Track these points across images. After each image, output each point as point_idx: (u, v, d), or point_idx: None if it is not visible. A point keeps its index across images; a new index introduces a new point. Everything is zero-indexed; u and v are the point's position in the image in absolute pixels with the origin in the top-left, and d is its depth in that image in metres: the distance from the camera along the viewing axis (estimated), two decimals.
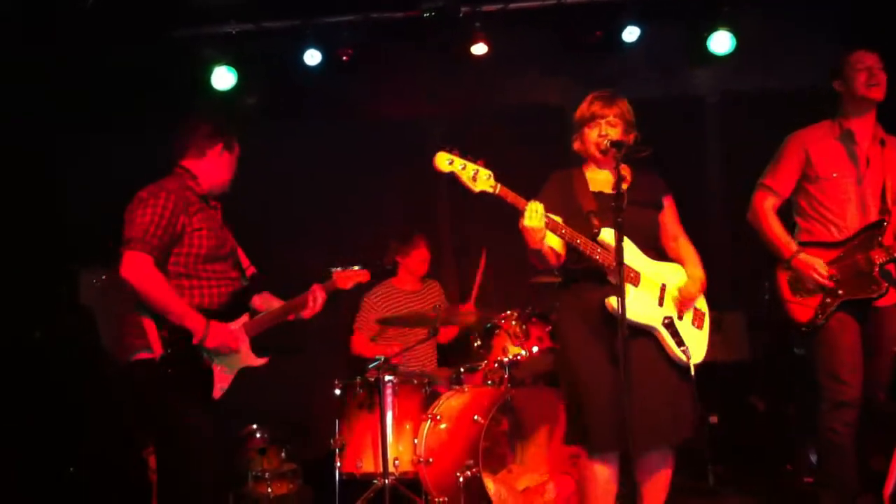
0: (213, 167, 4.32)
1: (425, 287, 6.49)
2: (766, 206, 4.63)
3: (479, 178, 3.67)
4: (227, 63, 6.58)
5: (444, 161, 3.66)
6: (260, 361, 4.38)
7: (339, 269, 4.61)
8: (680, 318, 4.02)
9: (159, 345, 4.01)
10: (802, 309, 4.49)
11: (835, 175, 4.54)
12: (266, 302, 4.56)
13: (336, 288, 4.63)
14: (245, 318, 4.36)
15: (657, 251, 4.12)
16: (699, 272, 4.14)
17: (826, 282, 4.41)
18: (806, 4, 6.47)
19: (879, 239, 4.43)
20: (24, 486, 5.71)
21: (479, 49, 6.63)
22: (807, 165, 4.59)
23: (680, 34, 6.79)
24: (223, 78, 6.59)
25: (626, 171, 4.05)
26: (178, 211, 4.10)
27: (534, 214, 3.69)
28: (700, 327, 4.11)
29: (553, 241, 3.89)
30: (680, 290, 4.05)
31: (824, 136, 4.61)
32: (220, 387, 4.17)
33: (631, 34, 6.62)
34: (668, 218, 4.21)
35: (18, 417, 5.75)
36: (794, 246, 4.52)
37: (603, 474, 3.94)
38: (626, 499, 4.17)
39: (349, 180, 6.84)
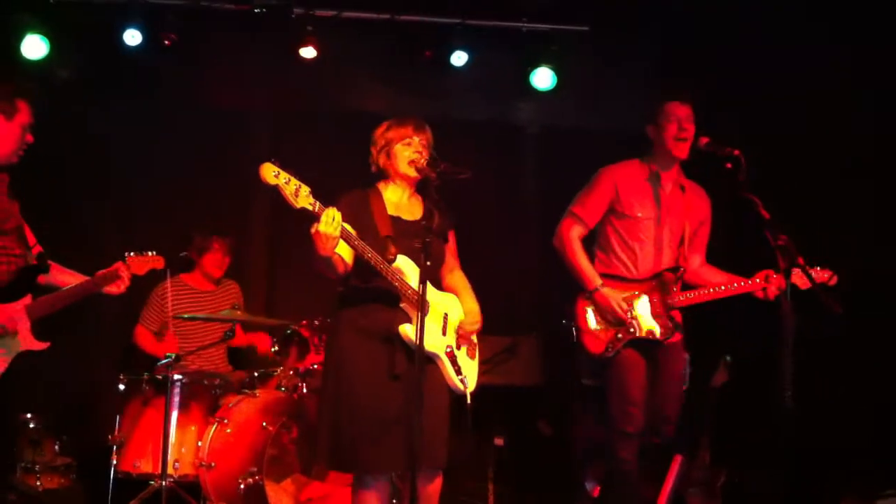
0: None
1: (220, 288, 6.25)
2: (573, 234, 4.74)
3: (301, 195, 3.62)
4: (41, 32, 6.23)
5: (271, 173, 3.58)
6: (41, 346, 4.18)
7: (133, 254, 4.46)
8: (458, 348, 4.08)
9: None
10: (595, 341, 4.63)
11: (639, 214, 4.71)
12: (58, 277, 4.35)
13: (131, 273, 4.47)
14: (28, 298, 4.14)
15: (438, 280, 4.16)
16: (475, 306, 4.18)
17: (625, 316, 4.57)
18: (627, 49, 6.73)
19: (674, 285, 4.64)
20: None
21: (309, 52, 6.56)
22: (615, 200, 4.73)
23: (506, 65, 6.92)
24: (34, 46, 6.24)
25: (419, 200, 4.08)
26: None
27: (331, 221, 3.64)
28: (473, 357, 4.17)
29: (342, 251, 3.86)
30: (461, 325, 4.11)
31: (633, 174, 4.77)
32: None
33: (459, 59, 6.71)
34: (449, 250, 4.26)
35: None
36: (598, 280, 4.65)
37: (374, 491, 3.93)
38: None
39: (160, 167, 6.61)
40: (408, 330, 3.83)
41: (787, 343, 3.85)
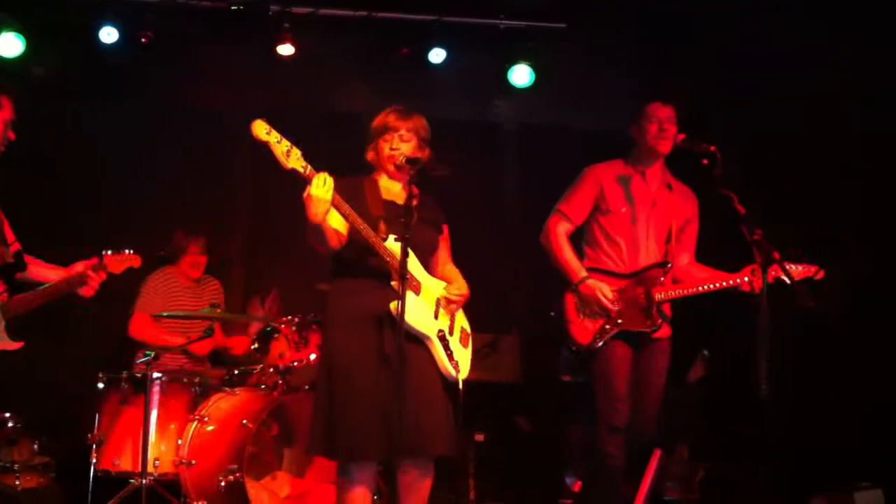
0: None
1: (200, 285, 6.24)
2: (559, 230, 4.80)
3: (292, 156, 3.62)
4: (16, 29, 6.19)
5: (262, 130, 3.57)
6: (15, 345, 4.16)
7: (110, 252, 4.45)
8: (451, 333, 4.08)
9: None
10: (583, 331, 4.68)
11: (623, 210, 4.77)
12: (40, 272, 4.33)
13: (107, 272, 4.46)
14: (3, 297, 4.12)
15: (432, 270, 4.17)
16: (465, 285, 4.18)
17: (610, 305, 4.61)
18: (605, 49, 6.76)
19: (661, 279, 4.68)
20: None
21: (286, 50, 6.56)
22: (600, 198, 4.81)
23: (484, 62, 6.94)
24: (10, 44, 6.19)
25: (415, 189, 4.07)
26: None
27: (322, 184, 3.64)
28: (466, 346, 4.18)
29: (336, 223, 3.86)
30: (448, 290, 4.08)
31: (618, 172, 4.84)
32: None
33: (437, 56, 6.73)
34: (443, 244, 4.27)
35: None
36: (582, 272, 4.71)
37: (360, 484, 3.93)
38: None
39: (138, 165, 6.58)
40: (396, 306, 3.80)
41: (763, 337, 3.89)
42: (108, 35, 6.35)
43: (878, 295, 5.43)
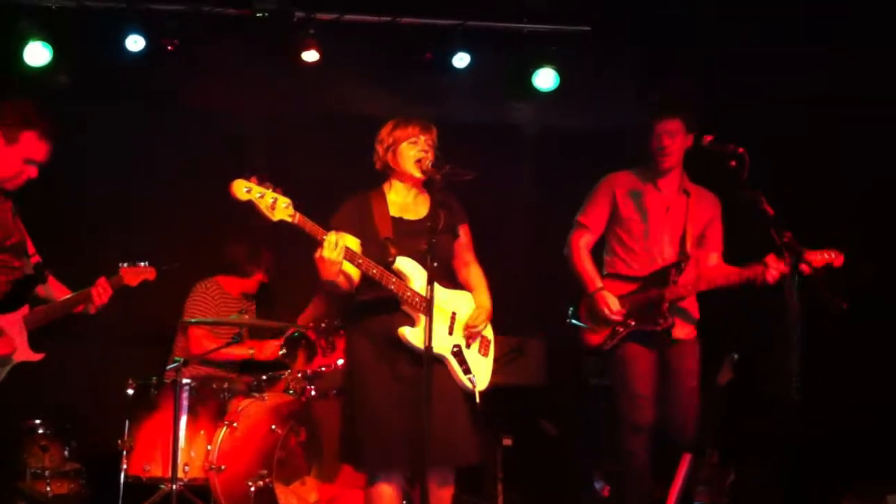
0: None
1: (244, 301, 6.29)
2: (581, 243, 4.93)
3: (278, 207, 3.61)
4: (43, 38, 6.22)
5: (242, 189, 3.57)
6: (36, 357, 4.20)
7: (126, 265, 4.50)
8: (468, 346, 4.09)
9: None
10: (594, 335, 4.80)
11: (636, 217, 4.87)
12: (50, 290, 4.37)
13: (123, 284, 4.50)
14: (25, 309, 4.17)
15: (449, 277, 4.17)
16: (486, 301, 4.18)
17: (613, 317, 4.71)
18: (628, 53, 6.75)
19: (674, 278, 4.73)
20: None
21: (311, 56, 6.56)
22: (614, 206, 4.91)
23: (507, 66, 6.94)
24: (37, 54, 6.23)
25: (426, 199, 4.08)
26: None
27: (332, 247, 3.67)
28: (485, 355, 4.17)
29: (348, 268, 3.88)
30: (468, 320, 4.11)
31: (632, 180, 4.95)
32: None
33: (461, 60, 6.73)
34: (463, 245, 4.26)
35: None
36: (598, 283, 4.80)
37: (386, 494, 3.95)
38: None
39: (160, 174, 6.60)
40: (406, 333, 3.88)
41: (792, 337, 3.87)
42: (135, 43, 6.34)
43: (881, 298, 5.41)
